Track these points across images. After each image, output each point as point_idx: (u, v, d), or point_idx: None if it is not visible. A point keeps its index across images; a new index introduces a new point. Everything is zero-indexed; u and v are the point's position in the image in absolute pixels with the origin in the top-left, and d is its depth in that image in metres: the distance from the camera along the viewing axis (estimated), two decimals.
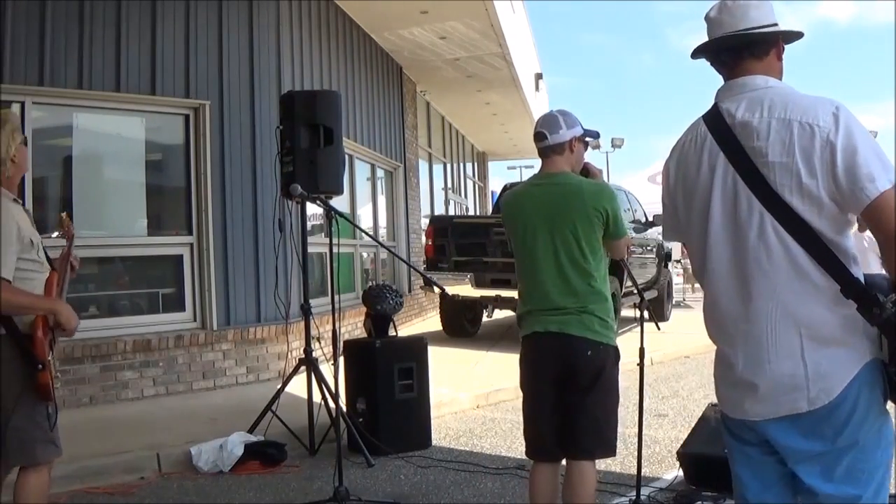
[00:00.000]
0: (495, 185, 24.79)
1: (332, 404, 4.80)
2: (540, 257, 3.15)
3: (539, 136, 3.21)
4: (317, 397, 5.20)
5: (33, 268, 3.02)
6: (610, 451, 3.21)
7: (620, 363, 3.28)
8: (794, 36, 2.09)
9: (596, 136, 3.42)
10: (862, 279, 1.85)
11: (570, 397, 3.11)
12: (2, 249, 2.85)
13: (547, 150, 3.22)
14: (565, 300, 3.09)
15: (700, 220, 2.03)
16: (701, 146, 2.03)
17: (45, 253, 3.14)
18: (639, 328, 3.95)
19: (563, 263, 3.10)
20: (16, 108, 6.14)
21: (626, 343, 3.34)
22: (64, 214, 3.51)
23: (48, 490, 3.11)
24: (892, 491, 3.96)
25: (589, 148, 3.42)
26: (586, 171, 3.33)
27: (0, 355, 2.91)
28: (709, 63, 2.09)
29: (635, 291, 4.50)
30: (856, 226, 1.97)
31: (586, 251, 3.09)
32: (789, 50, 2.11)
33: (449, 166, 18.04)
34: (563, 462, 3.24)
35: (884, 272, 1.86)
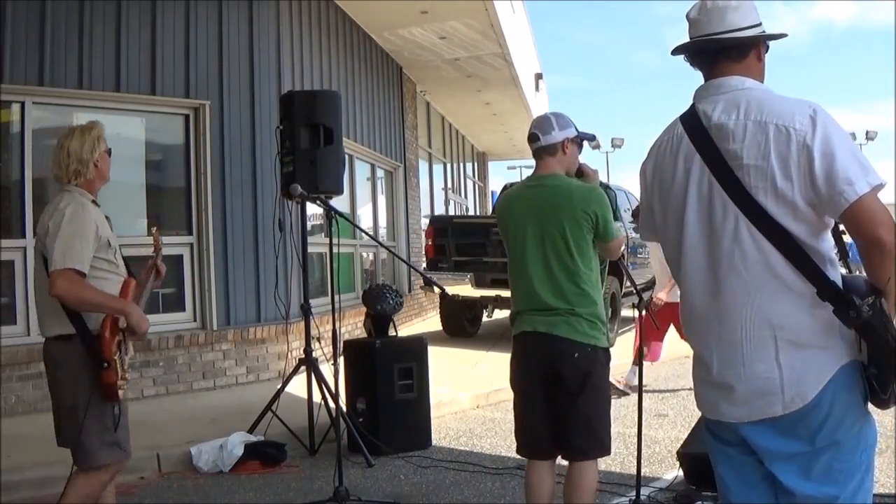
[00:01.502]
0: (495, 185, 24.81)
1: (332, 404, 4.81)
2: (529, 259, 3.17)
3: (532, 138, 3.25)
4: (317, 397, 5.20)
5: (109, 268, 3.06)
6: (604, 450, 3.21)
7: (620, 363, 3.28)
8: (776, 37, 2.07)
9: (592, 138, 3.43)
10: (840, 281, 1.83)
11: (560, 399, 3.12)
12: (77, 243, 2.90)
13: (539, 152, 3.25)
14: (554, 301, 3.11)
15: (675, 221, 2.02)
16: (677, 147, 2.02)
17: (124, 259, 3.20)
18: (639, 328, 3.96)
19: (552, 265, 3.12)
20: (16, 108, 6.15)
21: (626, 343, 3.34)
22: (154, 229, 3.66)
23: (98, 492, 3.09)
24: (888, 491, 3.97)
25: (589, 148, 3.43)
26: (581, 172, 3.34)
27: (70, 356, 2.96)
28: (688, 63, 2.08)
29: (634, 291, 4.50)
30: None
31: (574, 253, 3.10)
32: (788, 50, 2.12)
33: (449, 166, 18.03)
34: (561, 461, 3.24)
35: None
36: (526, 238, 3.19)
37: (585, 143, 3.41)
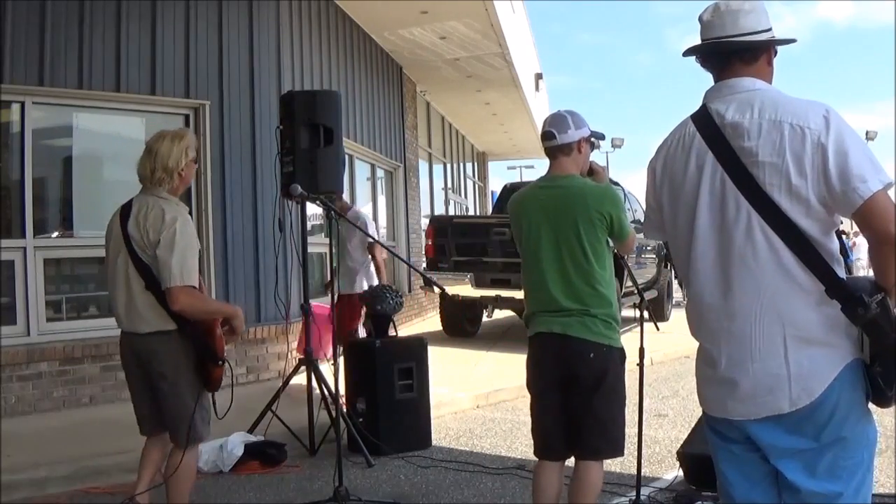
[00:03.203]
0: (495, 185, 24.80)
1: (332, 404, 4.81)
2: (544, 260, 3.16)
3: (547, 136, 3.22)
4: (317, 397, 5.20)
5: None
6: (617, 451, 3.21)
7: None
8: (787, 42, 2.10)
9: (601, 137, 3.42)
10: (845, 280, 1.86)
11: (576, 398, 3.12)
12: (190, 259, 3.15)
13: (554, 150, 3.22)
14: (568, 302, 3.10)
15: (686, 219, 2.04)
16: (689, 146, 2.04)
17: None
18: (639, 328, 3.95)
19: (567, 266, 3.12)
20: (16, 108, 6.15)
21: (627, 343, 3.35)
22: None
23: (196, 461, 3.55)
24: (888, 491, 3.97)
25: (593, 148, 3.44)
26: (591, 170, 3.34)
27: (172, 349, 3.21)
28: (699, 64, 2.11)
29: (635, 291, 4.49)
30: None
31: (589, 254, 3.09)
32: (788, 50, 2.13)
33: (449, 166, 18.04)
34: (569, 462, 3.24)
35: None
36: (540, 239, 3.18)
37: (594, 143, 3.41)
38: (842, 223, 1.97)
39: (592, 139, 3.30)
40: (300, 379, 5.44)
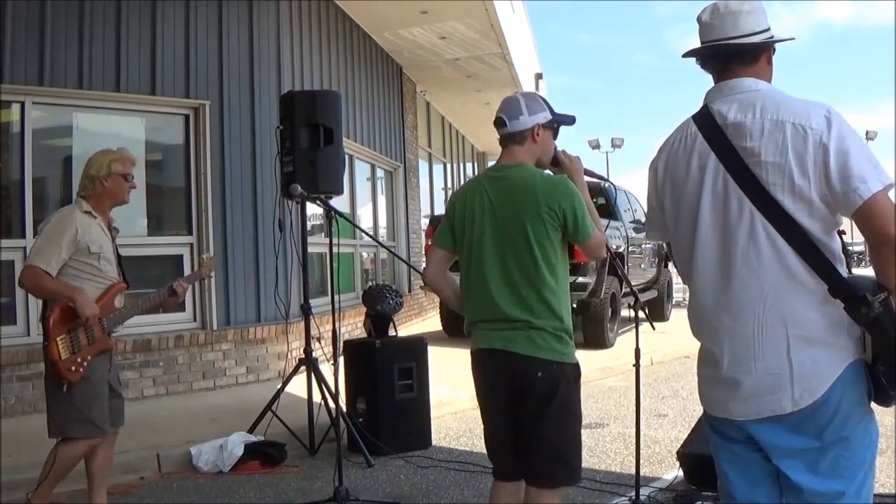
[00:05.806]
0: None
1: (332, 404, 4.81)
2: (486, 262, 2.76)
3: (498, 122, 2.82)
4: (317, 397, 5.20)
5: (91, 272, 3.44)
6: (572, 476, 2.85)
7: (619, 363, 3.25)
8: (786, 41, 2.11)
9: (570, 121, 2.97)
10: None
11: (524, 420, 2.76)
12: (47, 246, 3.34)
13: (506, 139, 2.83)
14: (513, 311, 2.70)
15: (688, 219, 2.04)
16: (691, 147, 2.04)
17: (121, 268, 3.62)
18: (639, 328, 3.95)
19: (512, 271, 2.72)
20: (16, 108, 6.15)
21: (626, 344, 3.34)
22: (205, 256, 4.26)
23: (72, 462, 3.50)
24: (889, 491, 3.97)
25: (588, 148, 3.35)
26: (556, 161, 2.93)
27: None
28: (699, 65, 2.12)
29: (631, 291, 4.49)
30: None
31: (538, 257, 2.68)
32: (788, 50, 2.15)
33: (449, 166, 18.05)
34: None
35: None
36: (483, 238, 2.77)
37: (589, 144, 3.26)
38: (842, 223, 1.98)
39: (556, 124, 2.88)
40: (300, 379, 5.45)
